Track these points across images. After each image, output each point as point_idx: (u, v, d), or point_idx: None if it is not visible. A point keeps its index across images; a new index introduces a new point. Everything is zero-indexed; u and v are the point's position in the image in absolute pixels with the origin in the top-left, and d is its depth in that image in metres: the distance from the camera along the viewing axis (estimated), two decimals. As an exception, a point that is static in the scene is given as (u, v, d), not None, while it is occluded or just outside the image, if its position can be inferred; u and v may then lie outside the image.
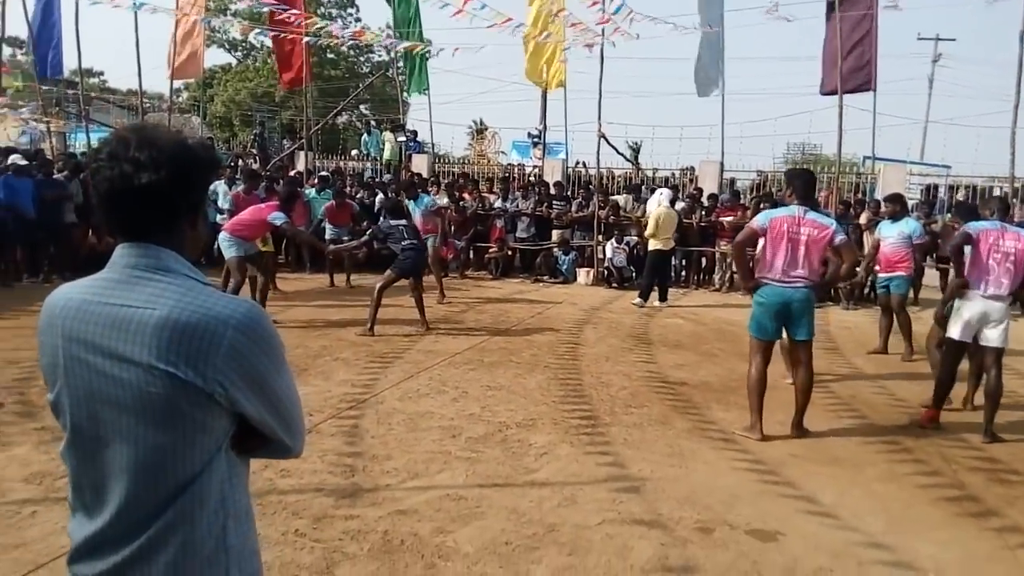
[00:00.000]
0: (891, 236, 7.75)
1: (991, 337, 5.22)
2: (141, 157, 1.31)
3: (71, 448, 1.39)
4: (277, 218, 7.79)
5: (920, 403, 5.81)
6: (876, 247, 8.03)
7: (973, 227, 5.27)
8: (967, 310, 5.24)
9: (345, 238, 11.46)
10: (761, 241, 5.08)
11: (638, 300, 10.55)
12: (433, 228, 10.17)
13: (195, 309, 1.31)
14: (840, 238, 4.95)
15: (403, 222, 8.15)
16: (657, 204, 10.70)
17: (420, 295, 8.09)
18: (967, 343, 5.31)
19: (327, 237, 11.83)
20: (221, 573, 1.37)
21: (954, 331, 5.30)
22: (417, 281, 8.09)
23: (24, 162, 10.57)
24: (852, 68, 12.26)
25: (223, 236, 7.94)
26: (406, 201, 9.76)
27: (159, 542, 1.32)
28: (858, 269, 11.03)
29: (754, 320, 5.06)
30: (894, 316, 7.83)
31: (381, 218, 9.26)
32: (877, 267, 8.18)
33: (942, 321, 5.51)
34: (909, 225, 7.78)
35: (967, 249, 5.22)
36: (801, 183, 5.15)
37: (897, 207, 7.88)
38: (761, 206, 9.65)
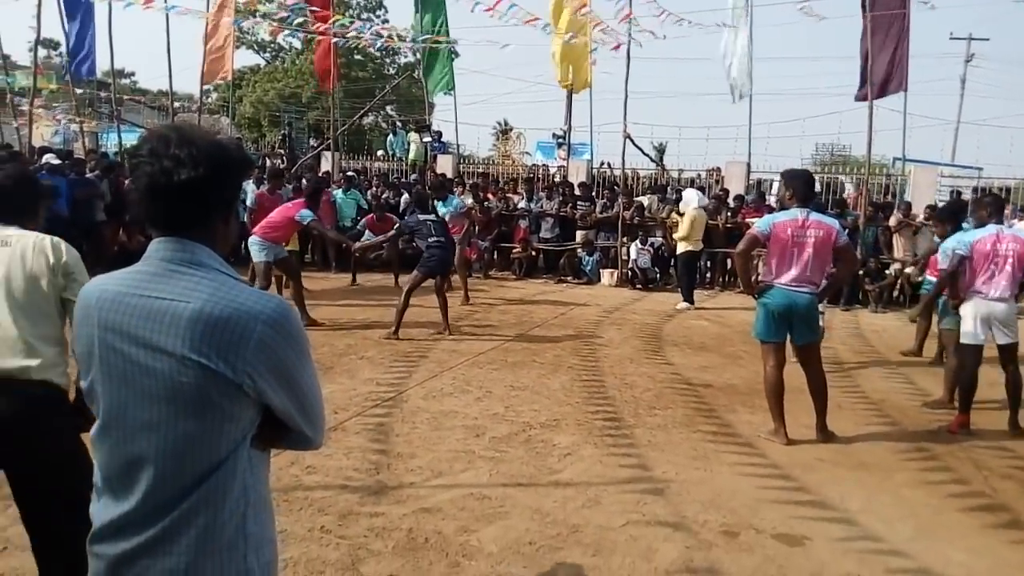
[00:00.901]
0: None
1: (1001, 335, 5.27)
2: (181, 154, 1.36)
3: (102, 434, 1.44)
4: (305, 216, 7.81)
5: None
6: (932, 250, 7.87)
7: (966, 244, 5.28)
8: (973, 313, 5.29)
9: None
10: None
11: (683, 304, 10.36)
12: (459, 230, 9.98)
13: (227, 303, 1.35)
14: (842, 240, 4.89)
15: (431, 217, 7.94)
16: (691, 205, 10.58)
17: (445, 299, 7.95)
18: (981, 345, 5.34)
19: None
20: (239, 558, 1.41)
21: (965, 335, 5.37)
22: (443, 281, 7.96)
23: (57, 161, 10.79)
24: (885, 71, 12.07)
25: (253, 240, 7.88)
26: (436, 202, 9.73)
27: (182, 525, 1.36)
28: (908, 270, 10.89)
29: (758, 322, 5.01)
30: (932, 320, 7.70)
31: (408, 213, 9.19)
32: (924, 270, 8.04)
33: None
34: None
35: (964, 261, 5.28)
36: (801, 184, 5.01)
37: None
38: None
